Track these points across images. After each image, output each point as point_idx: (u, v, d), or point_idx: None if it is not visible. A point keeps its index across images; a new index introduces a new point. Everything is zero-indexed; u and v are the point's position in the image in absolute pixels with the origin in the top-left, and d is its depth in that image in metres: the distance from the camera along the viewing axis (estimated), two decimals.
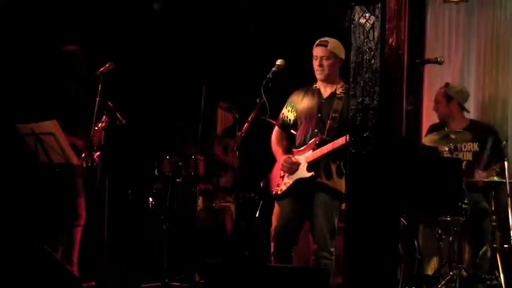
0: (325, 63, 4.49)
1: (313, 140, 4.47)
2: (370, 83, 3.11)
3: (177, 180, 5.62)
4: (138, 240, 5.84)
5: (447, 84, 5.58)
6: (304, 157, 4.48)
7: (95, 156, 4.88)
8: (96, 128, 4.83)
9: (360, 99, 3.12)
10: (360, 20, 3.12)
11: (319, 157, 4.41)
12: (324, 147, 4.38)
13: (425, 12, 6.26)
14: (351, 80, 3.16)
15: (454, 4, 6.14)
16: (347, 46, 3.18)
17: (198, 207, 5.85)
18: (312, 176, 4.41)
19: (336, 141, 4.32)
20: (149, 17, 6.69)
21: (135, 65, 6.26)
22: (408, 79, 3.23)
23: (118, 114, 4.99)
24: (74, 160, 4.84)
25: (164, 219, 5.49)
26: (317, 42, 4.55)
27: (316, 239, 4.43)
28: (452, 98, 5.51)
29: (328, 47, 4.49)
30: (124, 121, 5.02)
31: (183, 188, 5.62)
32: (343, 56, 4.50)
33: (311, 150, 4.45)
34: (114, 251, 5.42)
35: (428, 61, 5.31)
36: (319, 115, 4.50)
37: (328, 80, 4.55)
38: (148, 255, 5.67)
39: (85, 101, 5.04)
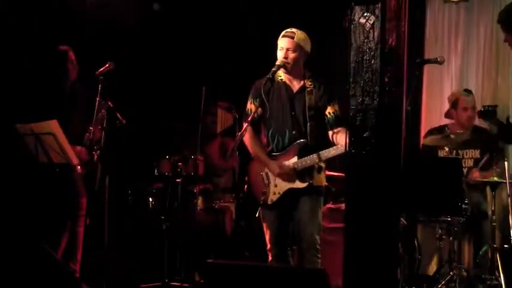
0: (290, 55, 4.31)
1: (295, 144, 4.33)
2: (370, 83, 3.10)
3: (177, 180, 5.62)
4: (138, 240, 5.84)
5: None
6: (291, 163, 4.33)
7: (94, 157, 4.88)
8: (98, 126, 4.85)
9: (360, 99, 3.12)
10: (360, 20, 3.12)
11: (309, 166, 4.29)
12: (315, 157, 4.23)
13: (425, 12, 6.26)
14: (350, 80, 3.15)
15: (454, 4, 6.15)
16: (347, 46, 3.17)
17: (198, 207, 5.85)
18: (307, 185, 4.29)
19: (329, 152, 4.20)
20: (149, 17, 6.71)
21: (135, 65, 6.27)
22: (408, 79, 3.23)
23: (118, 114, 5.00)
24: (74, 160, 4.84)
25: (164, 219, 5.49)
26: (283, 33, 4.36)
27: (303, 239, 4.33)
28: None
29: (295, 39, 4.31)
30: (124, 121, 5.02)
31: (183, 188, 5.63)
32: (309, 48, 4.37)
33: (296, 157, 4.31)
34: (114, 251, 5.43)
35: (428, 61, 5.31)
36: (293, 113, 4.35)
37: (294, 73, 4.38)
38: (148, 255, 5.67)
39: (78, 101, 5.07)
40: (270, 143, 4.44)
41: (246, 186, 4.60)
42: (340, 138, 4.22)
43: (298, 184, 4.32)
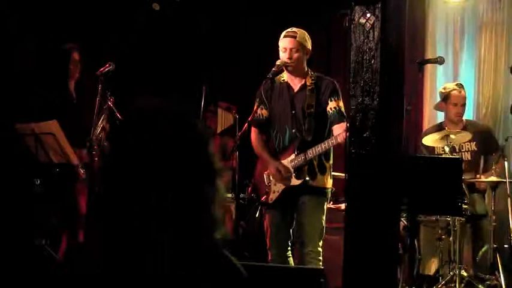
0: (294, 55, 4.28)
1: (293, 142, 4.33)
2: (370, 83, 3.11)
3: None
4: None
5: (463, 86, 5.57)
6: (288, 161, 4.34)
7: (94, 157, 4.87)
8: (99, 127, 4.84)
9: (360, 99, 3.12)
10: (360, 20, 3.12)
11: (305, 162, 4.29)
12: (310, 151, 4.24)
13: (425, 12, 6.26)
14: (350, 80, 3.16)
15: (454, 4, 6.14)
16: (347, 46, 3.18)
17: None
18: (301, 182, 4.30)
19: (322, 145, 4.20)
20: (149, 17, 6.70)
21: (135, 65, 6.26)
22: (408, 79, 3.24)
23: (118, 114, 4.98)
24: (74, 160, 4.83)
25: None
26: (284, 33, 4.32)
27: (305, 241, 4.31)
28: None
29: (297, 38, 4.28)
30: None
31: None
32: (310, 46, 4.36)
33: (293, 154, 4.32)
34: None
35: (428, 61, 5.30)
36: (293, 112, 4.34)
37: (296, 73, 4.36)
38: None
39: (83, 100, 5.06)
40: (274, 143, 4.47)
41: (250, 188, 4.61)
42: (335, 132, 4.24)
43: (294, 181, 4.33)
